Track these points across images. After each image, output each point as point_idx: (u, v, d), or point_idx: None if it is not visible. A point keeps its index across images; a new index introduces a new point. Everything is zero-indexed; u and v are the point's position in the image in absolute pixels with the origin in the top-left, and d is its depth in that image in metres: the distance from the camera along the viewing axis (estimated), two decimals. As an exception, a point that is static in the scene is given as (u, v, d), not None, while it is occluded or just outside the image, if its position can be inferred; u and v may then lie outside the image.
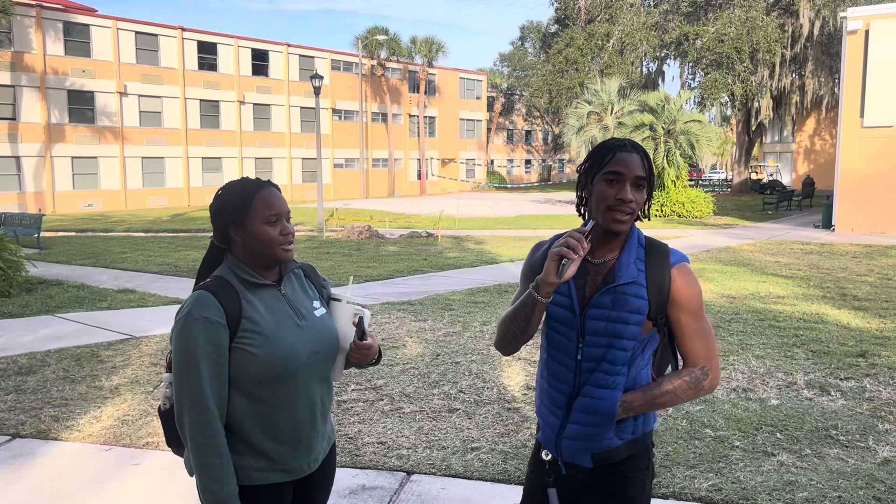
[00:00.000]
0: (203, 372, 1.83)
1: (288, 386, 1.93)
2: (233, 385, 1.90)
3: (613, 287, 1.89)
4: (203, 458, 1.82)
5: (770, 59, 35.27)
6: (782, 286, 10.74)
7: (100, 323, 8.18)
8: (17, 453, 4.40)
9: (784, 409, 5.12)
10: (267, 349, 1.88)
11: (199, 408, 1.82)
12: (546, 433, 2.04)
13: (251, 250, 1.95)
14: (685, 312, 1.90)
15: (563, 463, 2.01)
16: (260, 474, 1.93)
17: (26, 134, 32.96)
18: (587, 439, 1.94)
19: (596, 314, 1.91)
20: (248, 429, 1.91)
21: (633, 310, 1.87)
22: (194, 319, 1.84)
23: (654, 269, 1.88)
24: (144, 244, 17.84)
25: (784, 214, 27.89)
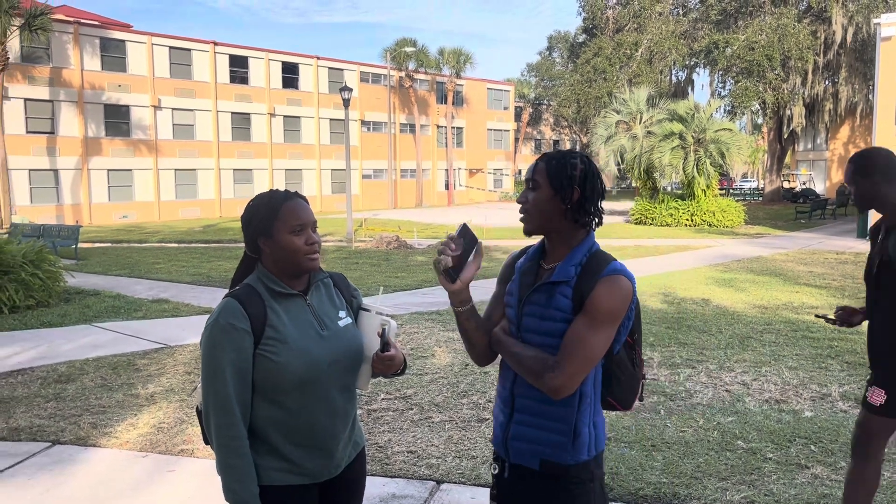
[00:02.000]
0: (228, 377, 1.90)
1: (308, 393, 1.99)
2: (255, 390, 1.97)
3: (547, 284, 1.95)
4: (227, 459, 1.91)
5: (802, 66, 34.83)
6: (816, 296, 10.57)
7: (135, 332, 8.35)
8: (57, 459, 4.51)
9: (818, 421, 5.05)
10: (288, 357, 1.94)
11: (224, 411, 1.91)
12: (496, 434, 2.08)
13: (278, 260, 2.02)
14: (582, 312, 1.87)
15: (509, 464, 2.02)
16: (279, 475, 2.00)
17: (64, 147, 33.75)
18: (535, 442, 1.96)
19: (530, 310, 1.97)
20: (268, 432, 1.98)
21: (558, 307, 1.91)
22: (220, 326, 1.92)
23: (587, 275, 1.90)
24: (177, 255, 18.14)
25: (818, 223, 27.44)
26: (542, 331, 1.94)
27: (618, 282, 1.88)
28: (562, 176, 1.92)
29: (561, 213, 1.94)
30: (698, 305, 9.83)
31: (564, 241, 1.97)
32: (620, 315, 1.89)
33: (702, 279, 12.51)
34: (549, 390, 1.86)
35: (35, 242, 11.16)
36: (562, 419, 1.93)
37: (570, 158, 1.95)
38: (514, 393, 2.01)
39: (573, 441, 1.93)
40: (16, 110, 32.20)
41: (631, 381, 2.04)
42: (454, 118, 52.36)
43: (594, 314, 1.86)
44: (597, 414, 2.00)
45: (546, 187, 1.94)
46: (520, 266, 2.08)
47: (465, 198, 53.64)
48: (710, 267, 14.36)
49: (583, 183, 1.93)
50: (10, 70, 30.65)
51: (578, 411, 1.94)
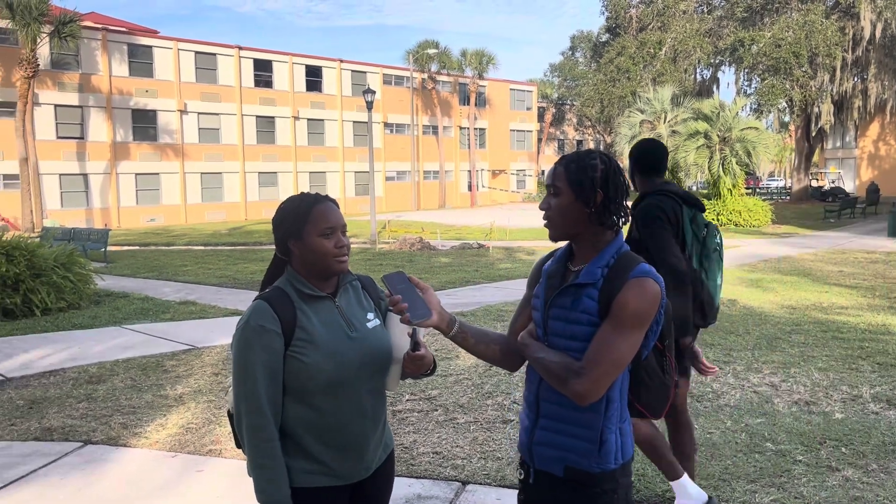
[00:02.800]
0: (259, 378, 1.92)
1: (338, 394, 2.00)
2: (286, 391, 1.99)
3: (573, 286, 1.91)
4: (258, 460, 1.93)
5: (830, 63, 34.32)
6: (846, 296, 10.41)
7: (164, 334, 8.46)
8: (89, 459, 4.59)
9: (849, 422, 4.98)
10: (318, 358, 1.96)
11: (255, 412, 1.92)
12: (522, 439, 2.05)
13: (308, 262, 2.04)
14: (609, 317, 1.83)
15: (534, 470, 1.99)
16: (311, 477, 2.01)
17: (93, 152, 34.32)
18: (560, 448, 1.92)
19: (556, 313, 1.93)
20: (300, 433, 2.00)
21: (584, 310, 1.87)
22: (251, 328, 1.94)
23: (614, 277, 1.86)
24: (204, 257, 18.35)
25: (847, 222, 27.01)
26: (567, 334, 1.90)
27: (646, 284, 1.82)
28: (583, 179, 1.88)
29: (585, 216, 1.90)
30: (725, 306, 9.73)
31: (591, 244, 1.93)
32: (648, 318, 1.84)
33: (728, 279, 12.38)
34: (575, 396, 1.82)
35: (66, 246, 11.37)
36: (588, 425, 1.89)
37: (590, 160, 1.90)
38: (540, 398, 1.98)
39: (599, 448, 1.89)
40: (46, 116, 32.81)
41: (661, 387, 2.00)
42: (477, 119, 52.35)
43: (621, 317, 1.81)
44: (624, 420, 1.95)
45: (567, 192, 1.90)
46: (547, 269, 2.05)
47: (487, 199, 53.60)
48: (736, 267, 14.20)
49: (605, 184, 1.89)
50: (40, 76, 31.24)
51: (605, 417, 1.89)
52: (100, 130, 34.67)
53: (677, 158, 26.47)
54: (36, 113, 31.39)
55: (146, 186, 36.29)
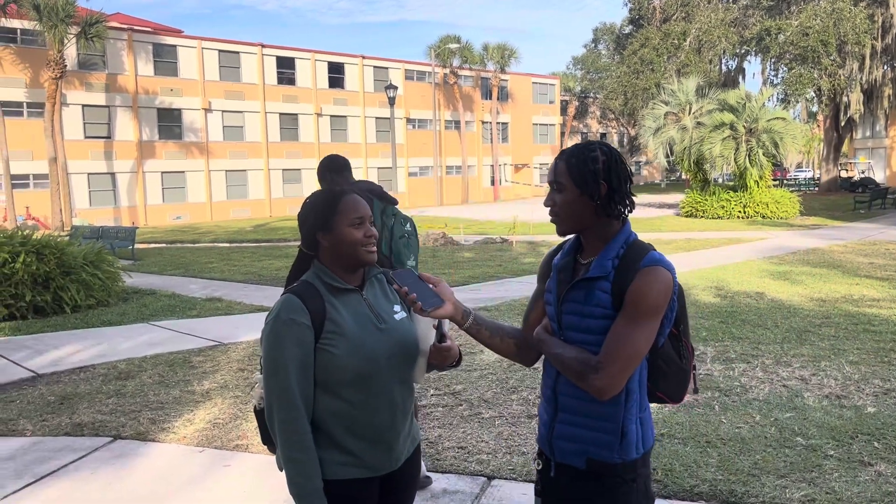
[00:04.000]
0: (290, 371, 1.93)
1: (368, 386, 2.01)
2: (317, 384, 2.00)
3: (585, 280, 1.90)
4: (290, 453, 1.93)
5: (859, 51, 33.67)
6: (877, 289, 10.22)
7: (190, 330, 8.55)
8: (118, 454, 4.66)
9: (882, 416, 4.88)
10: (348, 350, 1.97)
11: (287, 405, 1.93)
12: (541, 432, 2.05)
13: (337, 253, 2.05)
14: (623, 310, 1.82)
15: (555, 463, 1.99)
16: (343, 469, 2.02)
17: (120, 151, 34.80)
18: (581, 441, 1.92)
19: (569, 308, 1.93)
20: (331, 425, 2.01)
21: (598, 303, 1.86)
22: (282, 322, 1.95)
23: (625, 268, 1.85)
24: (229, 254, 18.52)
25: (877, 213, 26.51)
26: (582, 328, 1.90)
27: (656, 273, 1.81)
28: (585, 173, 1.87)
29: (591, 209, 1.89)
30: (752, 299, 9.60)
31: (600, 236, 1.93)
32: (662, 308, 1.83)
33: (755, 272, 12.22)
34: (595, 392, 1.82)
35: (94, 244, 11.54)
36: (608, 418, 1.89)
37: (590, 153, 1.89)
38: (558, 392, 1.98)
39: (621, 440, 1.89)
40: (74, 116, 33.32)
41: (679, 373, 1.99)
42: (499, 113, 52.19)
43: (634, 310, 1.80)
44: (643, 410, 1.95)
45: (571, 187, 1.89)
46: (556, 262, 2.05)
47: (510, 193, 53.45)
48: (764, 259, 14.00)
49: (608, 175, 1.88)
50: (67, 77, 31.71)
51: (625, 409, 1.89)
52: (126, 130, 35.13)
53: (702, 150, 26.16)
54: (64, 113, 31.88)
55: (172, 185, 36.72)
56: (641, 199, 43.67)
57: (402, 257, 3.90)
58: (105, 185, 34.52)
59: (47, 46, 30.25)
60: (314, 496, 1.94)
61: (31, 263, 9.61)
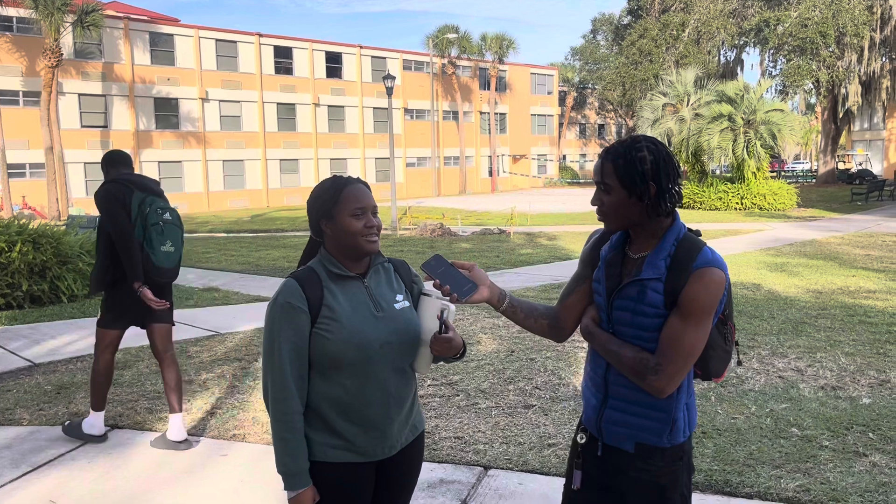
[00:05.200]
0: (284, 353, 2.00)
1: (361, 372, 2.05)
2: (313, 368, 2.06)
3: (638, 280, 1.91)
4: (280, 433, 2.00)
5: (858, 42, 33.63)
6: (874, 280, 10.24)
7: (187, 320, 8.54)
8: (115, 443, 4.66)
9: (877, 408, 4.90)
10: (341, 336, 2.01)
11: (279, 385, 2.00)
12: (588, 414, 2.10)
13: (339, 242, 2.10)
14: (678, 310, 1.85)
15: (602, 444, 2.04)
16: (335, 452, 2.06)
17: (117, 141, 34.67)
18: (631, 427, 1.97)
19: (621, 304, 1.95)
20: (324, 409, 2.06)
21: (651, 303, 1.89)
22: (279, 305, 2.02)
23: (678, 268, 1.86)
24: (226, 244, 18.50)
25: (875, 205, 26.55)
26: (635, 325, 1.93)
27: (711, 275, 1.83)
28: (633, 175, 1.86)
29: (641, 209, 1.89)
30: (749, 290, 9.61)
31: (650, 231, 1.94)
32: (715, 306, 1.86)
33: (752, 263, 12.23)
34: (654, 391, 1.88)
35: (91, 233, 11.50)
36: (660, 408, 1.94)
37: (637, 152, 1.87)
38: (609, 380, 2.02)
39: (671, 428, 1.95)
40: (70, 105, 33.18)
41: (723, 355, 2.04)
42: (497, 104, 52.07)
43: (689, 311, 1.83)
44: (690, 396, 2.01)
45: (619, 189, 1.89)
46: (605, 255, 2.05)
47: (508, 184, 53.41)
48: (761, 251, 14.02)
49: (656, 175, 1.86)
50: (63, 66, 31.56)
51: (675, 399, 1.95)
52: (123, 119, 35.00)
53: (700, 142, 26.15)
54: (60, 102, 31.75)
55: (169, 174, 36.62)
56: (639, 191, 44.17)
57: (153, 242, 4.44)
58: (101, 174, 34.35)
59: (43, 35, 30.08)
60: (300, 476, 2.00)
61: (27, 253, 9.58)
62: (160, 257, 4.46)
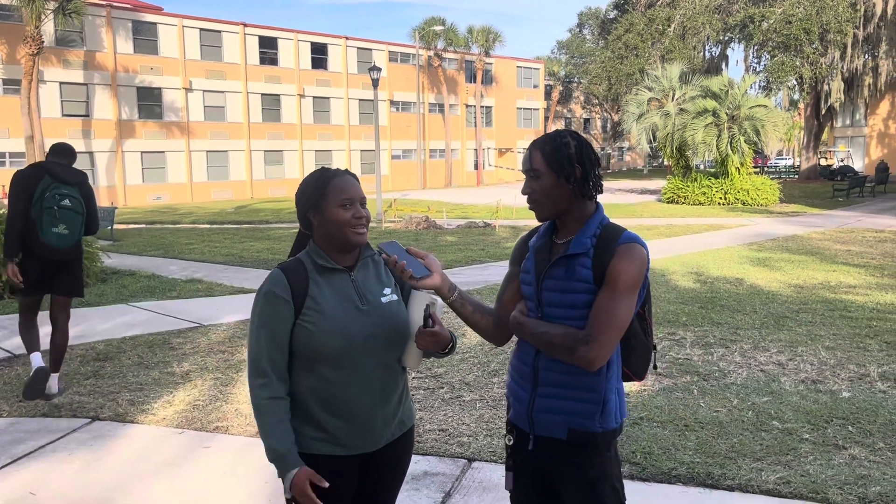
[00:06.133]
0: (263, 339, 2.02)
1: (345, 365, 2.05)
2: (297, 359, 2.06)
3: (565, 257, 2.00)
4: (260, 417, 2.01)
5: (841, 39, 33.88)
6: (854, 275, 10.36)
7: (170, 311, 8.48)
8: (96, 435, 4.62)
9: (856, 401, 4.96)
10: (323, 327, 2.02)
11: (258, 371, 2.02)
12: (517, 409, 2.12)
13: (326, 233, 2.10)
14: (605, 284, 1.93)
15: (533, 437, 2.07)
16: (318, 444, 2.07)
17: (99, 130, 34.30)
18: (563, 412, 2.01)
19: (549, 285, 2.02)
20: (308, 401, 2.07)
21: (580, 278, 1.96)
22: (263, 293, 2.05)
23: (603, 245, 1.96)
24: (210, 236, 18.37)
25: (856, 201, 26.83)
26: (564, 303, 1.99)
27: (635, 250, 1.94)
28: (561, 159, 1.98)
29: (569, 193, 1.99)
30: (732, 285, 9.69)
31: (576, 217, 2.03)
32: (640, 282, 1.95)
33: (735, 258, 12.33)
34: (585, 363, 1.92)
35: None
36: (591, 388, 1.99)
37: (561, 139, 2.00)
38: (538, 367, 2.05)
39: (602, 410, 1.99)
40: (51, 94, 32.76)
41: (644, 350, 2.11)
42: (483, 97, 52.03)
43: (616, 284, 1.91)
44: (619, 381, 2.07)
45: (548, 174, 1.99)
46: (534, 244, 2.13)
47: (494, 177, 53.44)
48: (743, 246, 14.14)
49: (581, 159, 1.99)
50: (44, 54, 31.12)
51: (606, 379, 2.00)
52: (105, 108, 34.61)
53: (685, 137, 26.27)
54: (41, 90, 31.32)
55: (152, 165, 36.28)
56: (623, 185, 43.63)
57: (42, 223, 5.02)
58: (83, 164, 34.00)
59: (24, 22, 29.62)
60: (287, 458, 1.98)
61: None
62: (49, 237, 5.07)
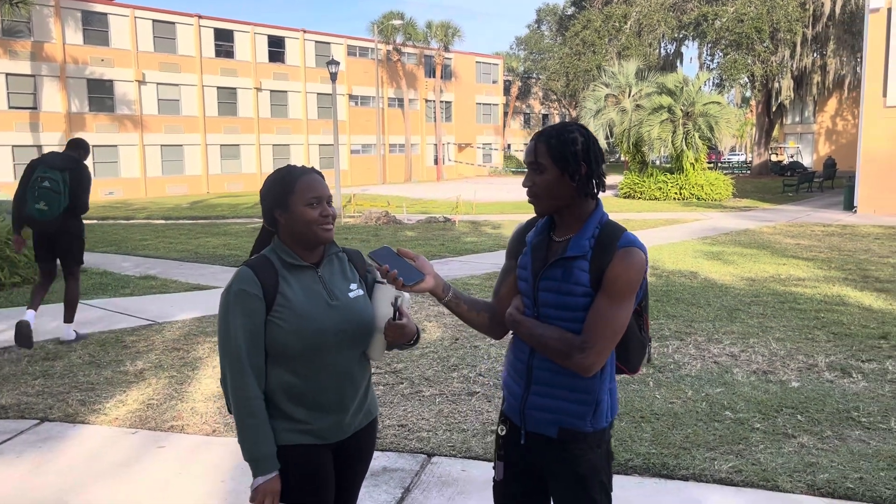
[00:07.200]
0: (240, 340, 2.00)
1: (316, 361, 2.07)
2: (268, 356, 2.06)
3: (563, 259, 1.97)
4: (241, 418, 2.01)
5: (791, 38, 34.76)
6: (803, 268, 10.65)
7: (123, 309, 8.29)
8: (45, 437, 4.49)
9: (805, 391, 5.10)
10: (296, 324, 2.03)
11: (238, 372, 2.00)
12: (510, 403, 2.12)
13: (294, 231, 2.10)
14: (603, 290, 1.91)
15: (525, 432, 2.07)
16: (292, 435, 2.08)
17: (47, 123, 33.31)
18: (555, 411, 2.00)
19: (546, 286, 1.99)
20: (280, 397, 2.07)
21: (577, 281, 1.94)
22: (233, 292, 2.03)
23: (602, 248, 1.93)
24: (165, 231, 18.02)
25: (805, 196, 27.57)
26: (560, 305, 1.96)
27: (634, 255, 1.91)
28: (566, 154, 1.93)
29: (571, 190, 1.95)
30: (686, 278, 9.87)
31: (575, 215, 2.00)
32: (637, 287, 1.93)
33: (690, 252, 12.56)
34: (581, 369, 1.91)
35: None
36: (585, 390, 1.99)
37: (569, 134, 1.95)
38: (532, 366, 2.04)
39: (594, 410, 1.99)
40: (-3, 85, 31.67)
41: (639, 346, 2.10)
42: (443, 92, 52.00)
43: (614, 290, 1.89)
44: (612, 381, 2.06)
45: (552, 169, 1.94)
46: (531, 239, 2.10)
47: (454, 172, 53.47)
48: (698, 240, 14.41)
49: (587, 156, 1.94)
50: (-11, 44, 30.08)
51: (599, 381, 1.99)
52: (54, 100, 33.63)
53: (641, 133, 26.65)
54: (-14, 82, 30.26)
55: (104, 159, 35.38)
56: (582, 180, 44.71)
57: (27, 200, 6.24)
58: (31, 158, 32.95)
59: (-33, 10, 28.61)
60: (266, 461, 2.00)
61: (-50, 239, 9.15)
62: (32, 212, 6.27)
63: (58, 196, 6.23)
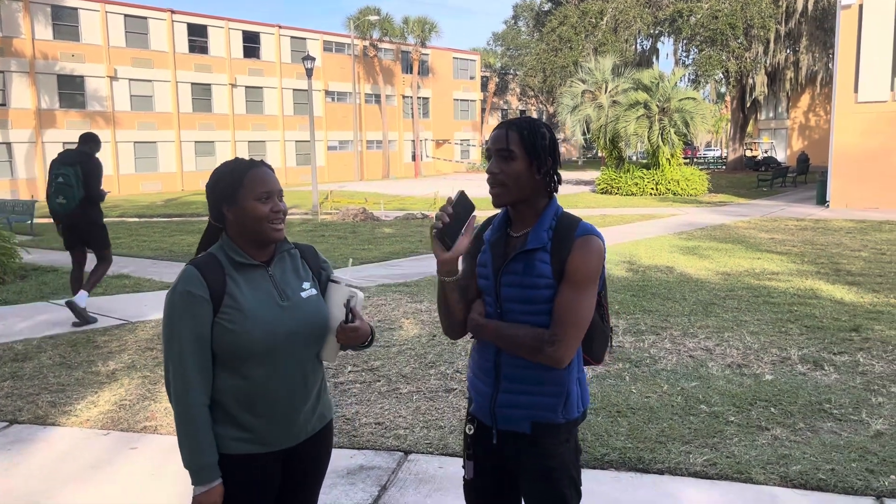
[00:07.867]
0: (185, 344, 1.90)
1: (265, 363, 1.97)
2: (215, 358, 1.96)
3: (523, 252, 1.97)
4: (182, 426, 1.92)
5: (764, 35, 35.11)
6: (777, 262, 10.77)
7: (95, 309, 8.15)
8: (14, 439, 4.41)
9: (778, 384, 5.16)
10: (244, 326, 1.93)
11: (181, 377, 1.91)
12: (479, 403, 2.11)
13: (243, 227, 1.99)
14: (566, 280, 1.92)
15: (496, 431, 2.06)
16: (238, 444, 1.99)
17: (16, 120, 32.71)
18: (526, 407, 2.00)
19: (508, 280, 1.99)
20: (227, 400, 1.97)
21: (540, 274, 1.94)
22: (178, 294, 1.92)
23: (560, 238, 1.94)
24: (138, 229, 17.78)
25: (779, 191, 27.91)
26: (523, 299, 1.96)
27: (592, 242, 1.93)
28: (537, 146, 1.94)
29: (535, 182, 1.96)
30: (662, 273, 9.94)
31: (533, 209, 2.00)
32: (598, 274, 1.94)
33: (666, 247, 12.66)
34: (553, 362, 1.92)
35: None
36: (554, 382, 1.99)
37: (539, 127, 1.97)
38: (500, 363, 2.03)
39: (565, 401, 2.00)
40: (-36, 81, 31.04)
41: (602, 336, 2.11)
42: (420, 88, 51.89)
43: (577, 279, 1.90)
44: (580, 371, 2.07)
45: (523, 158, 1.94)
46: (488, 237, 2.08)
47: (432, 169, 53.40)
48: (674, 235, 14.53)
49: (552, 152, 1.97)
50: (-44, 39, 29.45)
51: (568, 371, 1.99)
52: (23, 97, 33.03)
53: (618, 128, 26.79)
54: (-47, 78, 29.65)
55: (76, 156, 34.79)
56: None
57: (50, 196, 6.97)
58: (0, 155, 32.43)
59: (-68, 5, 27.98)
60: (207, 470, 1.92)
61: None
62: (54, 206, 6.97)
63: (72, 189, 6.92)
